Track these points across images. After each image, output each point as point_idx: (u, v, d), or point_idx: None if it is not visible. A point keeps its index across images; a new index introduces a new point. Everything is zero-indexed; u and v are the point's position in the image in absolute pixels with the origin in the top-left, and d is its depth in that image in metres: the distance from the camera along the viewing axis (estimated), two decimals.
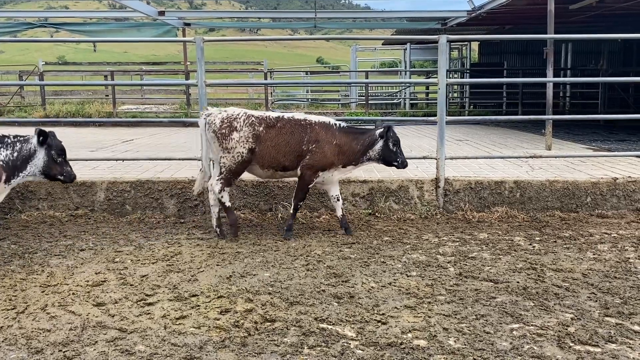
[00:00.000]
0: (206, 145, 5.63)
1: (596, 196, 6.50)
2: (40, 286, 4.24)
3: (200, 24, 19.91)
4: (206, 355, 3.18)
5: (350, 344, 3.30)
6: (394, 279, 4.35)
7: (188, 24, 17.82)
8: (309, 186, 5.58)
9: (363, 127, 5.95)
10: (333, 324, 3.56)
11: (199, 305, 3.84)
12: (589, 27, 17.04)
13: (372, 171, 7.15)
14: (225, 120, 5.41)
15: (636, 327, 3.51)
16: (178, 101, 19.96)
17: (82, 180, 6.52)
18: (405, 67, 23.00)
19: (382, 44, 27.04)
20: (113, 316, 3.69)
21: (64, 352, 3.21)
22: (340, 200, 5.74)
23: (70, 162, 8.02)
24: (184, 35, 17.94)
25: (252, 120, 5.42)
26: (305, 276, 4.43)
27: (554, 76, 13.17)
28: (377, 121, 5.48)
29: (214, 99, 19.89)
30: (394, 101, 22.01)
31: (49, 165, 4.89)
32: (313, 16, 16.70)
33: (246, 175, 6.69)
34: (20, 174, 4.81)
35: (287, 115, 5.57)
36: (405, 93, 21.80)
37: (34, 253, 5.09)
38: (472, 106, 20.49)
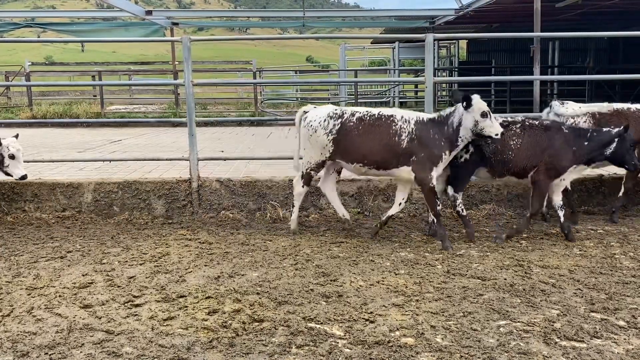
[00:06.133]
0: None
1: (582, 193, 6.56)
2: (26, 289, 4.20)
3: (188, 24, 19.87)
4: (194, 356, 3.17)
5: (338, 342, 3.30)
6: (383, 277, 4.37)
7: (176, 24, 17.78)
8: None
9: None
10: (321, 323, 3.56)
11: (186, 306, 3.83)
12: (576, 25, 17.18)
13: None
14: None
15: (621, 323, 3.55)
16: (167, 101, 19.85)
17: (69, 182, 6.48)
18: (394, 65, 23.05)
19: (371, 43, 27.10)
20: (100, 318, 3.66)
21: (50, 355, 3.19)
22: None
23: (58, 164, 7.96)
24: (172, 35, 17.85)
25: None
26: (294, 276, 4.43)
27: (541, 74, 13.28)
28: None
29: (202, 99, 19.81)
30: (383, 99, 22.06)
31: (622, 153, 5.34)
32: (302, 15, 16.70)
33: (234, 175, 6.69)
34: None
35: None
36: (394, 91, 21.85)
37: (20, 255, 5.04)
38: None
